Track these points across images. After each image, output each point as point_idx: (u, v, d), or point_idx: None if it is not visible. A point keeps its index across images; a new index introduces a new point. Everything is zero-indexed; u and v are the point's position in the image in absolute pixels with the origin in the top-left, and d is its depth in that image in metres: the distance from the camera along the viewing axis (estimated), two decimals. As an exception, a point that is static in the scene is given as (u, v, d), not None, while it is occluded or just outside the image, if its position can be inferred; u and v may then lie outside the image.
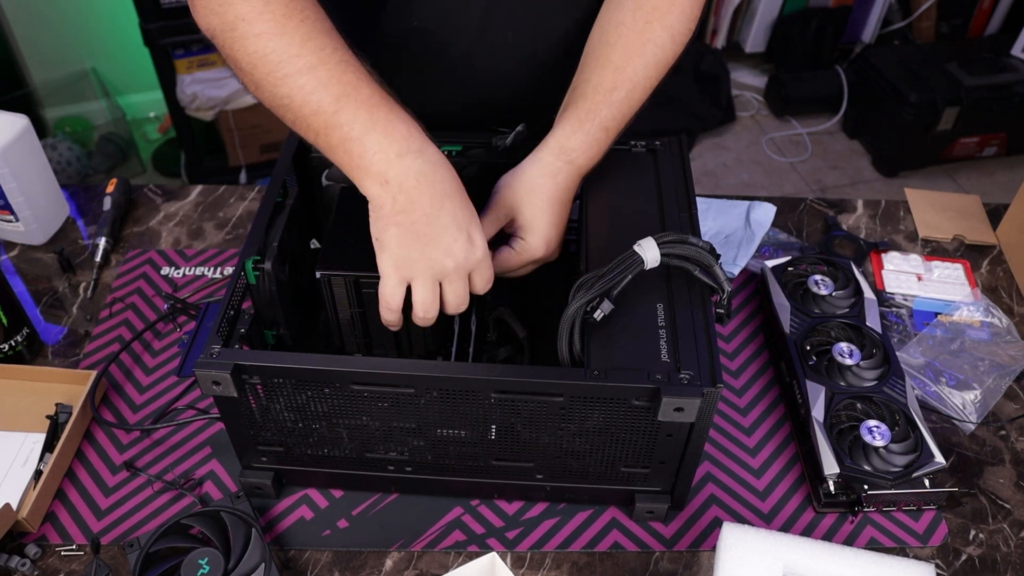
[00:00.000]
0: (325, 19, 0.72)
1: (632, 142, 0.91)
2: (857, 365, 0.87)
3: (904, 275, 1.07)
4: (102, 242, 1.08)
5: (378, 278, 0.75)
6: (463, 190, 0.73)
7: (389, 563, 0.80)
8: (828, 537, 0.82)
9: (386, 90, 0.72)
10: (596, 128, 0.81)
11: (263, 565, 0.72)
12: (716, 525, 0.82)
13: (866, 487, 0.80)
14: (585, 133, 0.80)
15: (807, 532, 0.82)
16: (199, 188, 1.19)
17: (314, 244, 0.91)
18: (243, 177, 2.49)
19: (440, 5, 0.88)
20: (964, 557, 0.81)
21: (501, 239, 0.83)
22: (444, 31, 0.90)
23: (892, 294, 1.05)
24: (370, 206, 0.71)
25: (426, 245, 0.70)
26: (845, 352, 0.88)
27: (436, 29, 0.90)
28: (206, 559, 0.72)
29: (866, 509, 0.83)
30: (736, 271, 1.06)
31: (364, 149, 0.69)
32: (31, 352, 0.97)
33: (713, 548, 0.79)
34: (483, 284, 0.74)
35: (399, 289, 0.72)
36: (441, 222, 0.70)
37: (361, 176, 0.70)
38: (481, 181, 0.84)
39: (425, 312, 0.73)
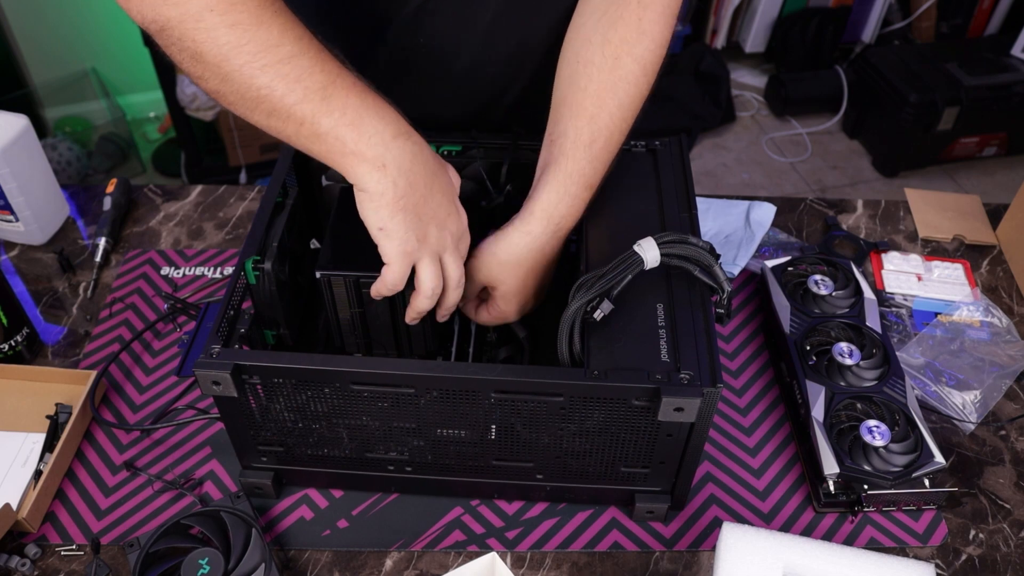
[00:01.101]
0: (289, 9, 0.71)
1: (632, 142, 0.91)
2: (857, 365, 0.87)
3: (904, 275, 1.07)
4: (102, 242, 1.08)
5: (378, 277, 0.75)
6: (443, 162, 0.75)
7: (389, 563, 0.80)
8: (828, 537, 0.82)
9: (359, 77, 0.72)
10: (583, 189, 0.79)
11: (263, 565, 0.72)
12: (716, 525, 0.82)
13: (866, 487, 0.80)
14: (572, 197, 0.79)
15: (807, 532, 0.82)
16: (199, 188, 1.19)
17: (314, 244, 0.91)
18: (243, 177, 2.49)
19: (446, 22, 0.88)
20: (964, 557, 0.81)
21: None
22: (450, 46, 0.90)
23: (892, 294, 1.05)
24: (364, 196, 0.69)
25: (428, 224, 0.71)
26: (845, 352, 0.88)
27: (442, 45, 0.90)
28: (206, 559, 0.72)
29: (866, 509, 0.83)
30: (736, 271, 1.06)
31: (359, 134, 0.68)
32: (31, 352, 0.97)
33: (713, 548, 0.79)
34: (465, 250, 0.76)
35: (406, 274, 0.72)
36: (436, 199, 0.71)
37: (355, 163, 0.68)
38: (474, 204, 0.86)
39: (434, 291, 0.73)
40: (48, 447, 0.85)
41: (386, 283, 0.72)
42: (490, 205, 0.89)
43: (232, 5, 0.66)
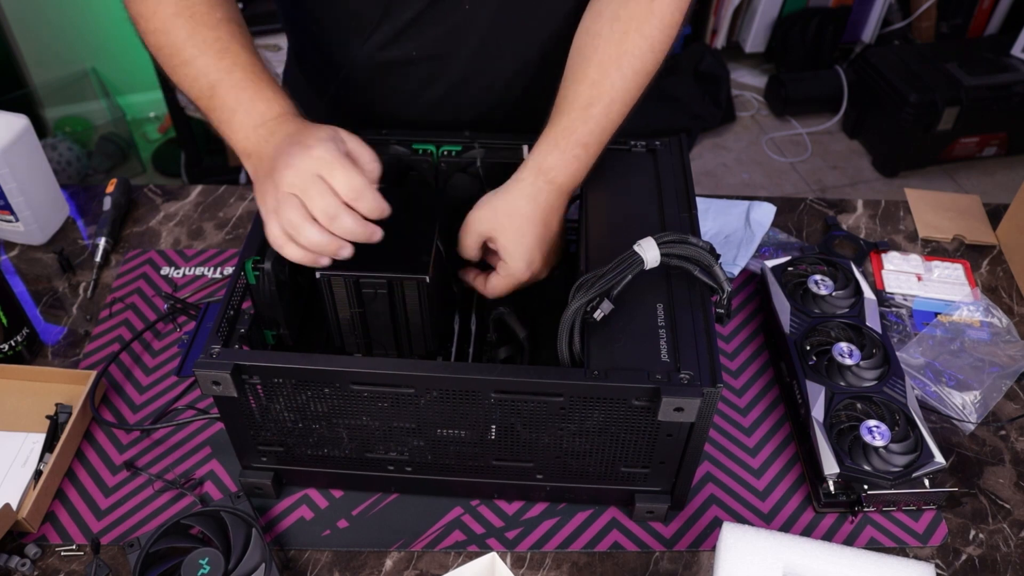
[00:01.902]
0: (218, 11, 0.78)
1: (632, 142, 0.91)
2: (857, 365, 0.87)
3: (904, 275, 1.07)
4: (102, 242, 1.08)
5: (378, 278, 0.75)
6: (314, 131, 0.71)
7: (389, 563, 0.80)
8: (828, 537, 0.82)
9: (263, 69, 0.78)
10: (573, 145, 0.80)
11: (263, 565, 0.72)
12: (716, 525, 0.82)
13: (866, 487, 0.80)
14: (562, 151, 0.80)
15: (807, 532, 0.82)
16: (199, 188, 1.19)
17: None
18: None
19: (439, 36, 0.89)
20: (964, 557, 0.81)
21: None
22: (444, 58, 0.91)
23: (892, 294, 1.05)
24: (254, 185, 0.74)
25: (282, 176, 0.69)
26: (845, 352, 0.88)
27: (436, 56, 0.91)
28: (206, 559, 0.72)
29: (866, 509, 0.83)
30: (736, 271, 1.06)
31: (232, 130, 0.75)
32: (31, 352, 0.97)
33: (713, 548, 0.79)
34: (346, 187, 0.69)
35: (280, 233, 0.70)
36: (285, 154, 0.70)
37: (238, 153, 0.76)
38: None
39: (298, 234, 0.69)
40: (48, 447, 0.85)
41: (269, 238, 0.72)
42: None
43: (153, 14, 0.78)
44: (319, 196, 0.68)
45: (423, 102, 0.96)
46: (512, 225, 0.80)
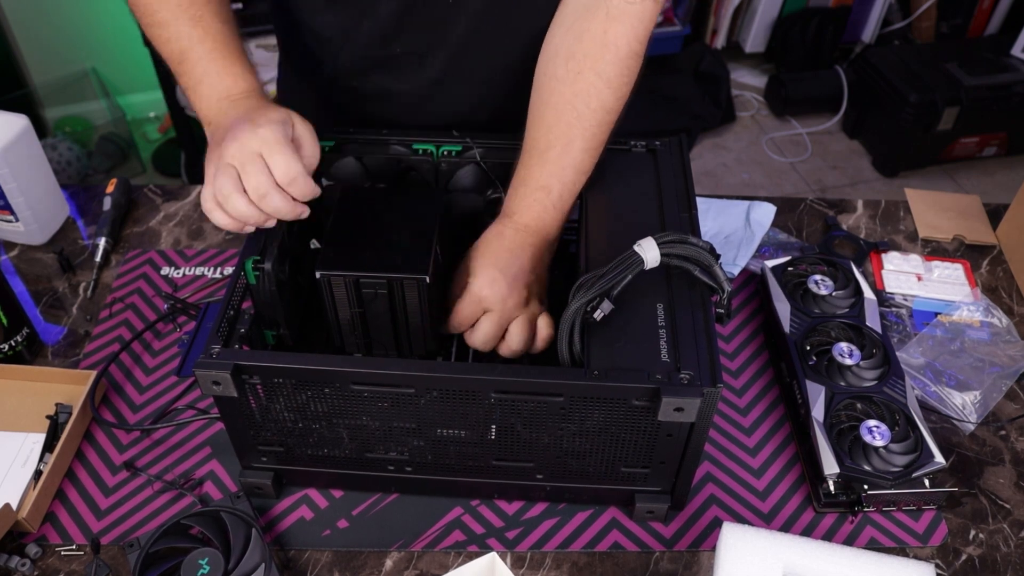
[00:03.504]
0: None
1: (632, 142, 0.91)
2: (857, 365, 0.87)
3: (904, 275, 1.07)
4: (102, 242, 1.08)
5: (378, 278, 0.75)
6: (271, 112, 0.75)
7: (389, 563, 0.80)
8: (828, 537, 0.82)
9: (236, 42, 0.82)
10: (533, 189, 0.83)
11: (263, 565, 0.72)
12: (716, 525, 0.82)
13: (866, 487, 0.80)
14: (521, 196, 0.83)
15: (807, 532, 0.82)
16: (199, 188, 1.19)
17: (314, 244, 0.91)
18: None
19: (423, 32, 0.90)
20: (964, 557, 0.81)
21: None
22: (427, 56, 0.92)
23: (892, 294, 1.05)
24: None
25: (228, 148, 0.72)
26: (845, 352, 0.88)
27: (420, 53, 0.92)
28: (206, 559, 0.72)
29: (866, 509, 0.83)
30: (736, 271, 1.06)
31: (198, 96, 0.81)
32: (31, 352, 0.97)
33: (713, 548, 0.79)
34: (282, 169, 0.71)
35: (216, 194, 0.73)
36: (236, 125, 0.74)
37: (200, 118, 0.81)
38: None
39: (226, 202, 0.72)
40: (48, 447, 0.85)
41: (202, 201, 0.75)
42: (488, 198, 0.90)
43: None
44: (254, 173, 0.71)
45: (407, 100, 0.96)
46: (481, 254, 0.82)
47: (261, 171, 0.71)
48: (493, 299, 0.79)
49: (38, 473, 0.83)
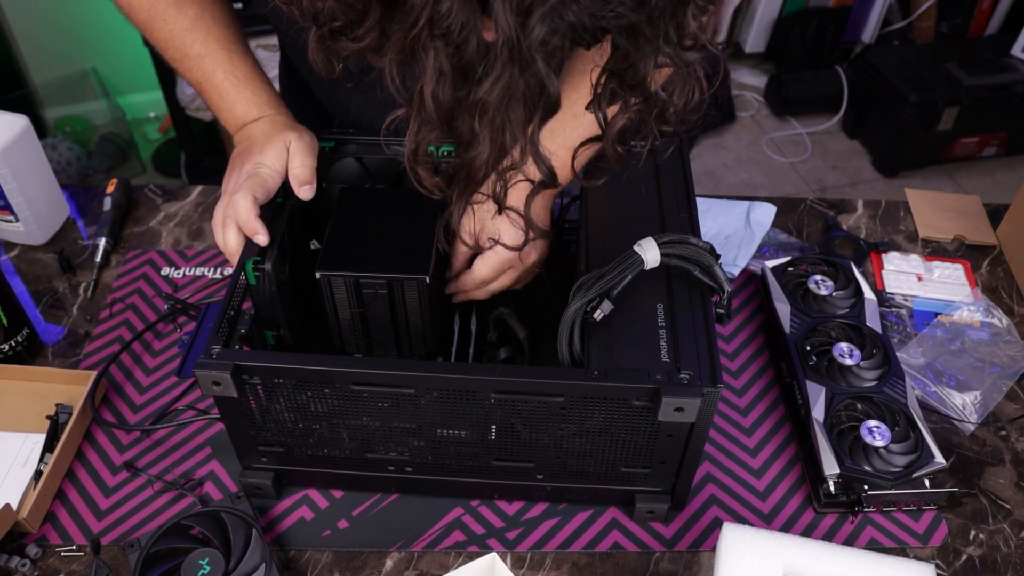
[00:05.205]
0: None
1: (632, 142, 0.91)
2: (857, 365, 0.87)
3: (904, 275, 1.07)
4: (102, 242, 1.07)
5: (378, 278, 0.75)
6: (283, 131, 0.83)
7: (389, 563, 0.80)
8: (828, 537, 0.82)
9: (250, 62, 0.88)
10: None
11: (263, 565, 0.72)
12: (716, 525, 0.82)
13: (866, 487, 0.80)
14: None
15: (807, 532, 0.82)
16: (199, 188, 1.19)
17: (314, 244, 0.91)
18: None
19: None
20: (964, 557, 0.81)
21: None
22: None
23: (892, 294, 1.05)
24: None
25: (231, 175, 0.84)
26: (845, 352, 0.88)
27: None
28: (206, 559, 0.72)
29: (866, 509, 0.83)
30: (736, 271, 1.06)
31: (223, 119, 0.89)
32: (31, 352, 0.97)
33: (713, 548, 0.79)
34: (239, 210, 0.78)
35: (226, 216, 0.79)
36: (243, 158, 0.83)
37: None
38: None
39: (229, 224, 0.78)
40: (48, 447, 0.85)
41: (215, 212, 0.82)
42: None
43: None
44: (232, 207, 0.79)
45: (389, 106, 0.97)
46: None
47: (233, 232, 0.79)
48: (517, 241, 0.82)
49: (38, 473, 0.83)
